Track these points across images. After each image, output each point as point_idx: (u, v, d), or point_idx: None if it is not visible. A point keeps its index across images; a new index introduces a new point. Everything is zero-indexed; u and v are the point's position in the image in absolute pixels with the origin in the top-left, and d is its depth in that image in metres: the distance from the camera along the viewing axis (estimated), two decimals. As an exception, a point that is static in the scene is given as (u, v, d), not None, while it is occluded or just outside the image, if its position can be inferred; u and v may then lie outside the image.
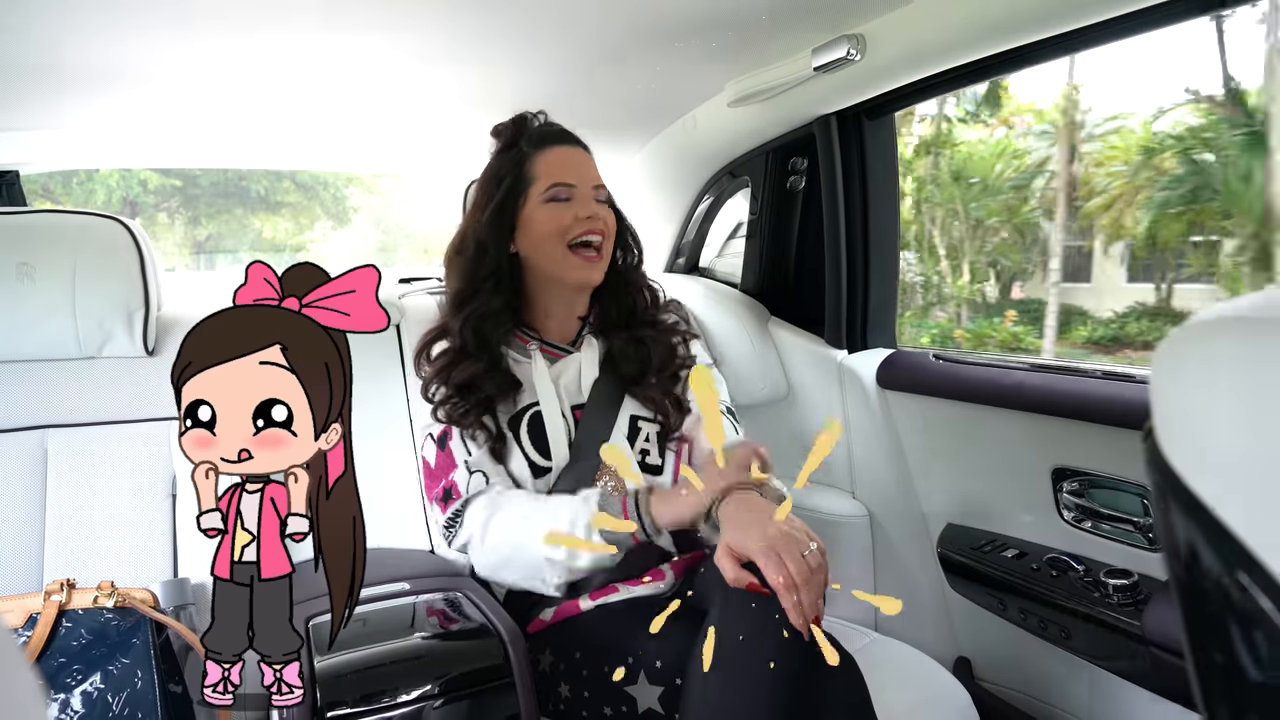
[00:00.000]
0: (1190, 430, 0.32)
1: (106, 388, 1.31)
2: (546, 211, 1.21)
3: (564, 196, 1.21)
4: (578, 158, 1.25)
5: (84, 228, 1.30)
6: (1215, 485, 0.30)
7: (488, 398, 1.20)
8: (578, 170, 1.24)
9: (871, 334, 1.67)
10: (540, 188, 1.22)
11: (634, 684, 1.04)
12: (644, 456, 1.25)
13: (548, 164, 1.23)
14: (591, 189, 1.24)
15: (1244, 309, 0.35)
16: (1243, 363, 0.32)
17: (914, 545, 1.55)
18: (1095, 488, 1.26)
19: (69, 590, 1.07)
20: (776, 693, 0.90)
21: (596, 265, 1.23)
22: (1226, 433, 0.30)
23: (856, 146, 1.60)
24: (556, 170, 1.23)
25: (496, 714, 0.95)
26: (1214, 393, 0.32)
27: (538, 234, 1.22)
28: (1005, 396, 1.36)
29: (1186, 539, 0.31)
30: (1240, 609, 0.28)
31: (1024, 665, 1.40)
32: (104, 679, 0.98)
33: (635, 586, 1.18)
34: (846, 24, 1.32)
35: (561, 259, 1.22)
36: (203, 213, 13.42)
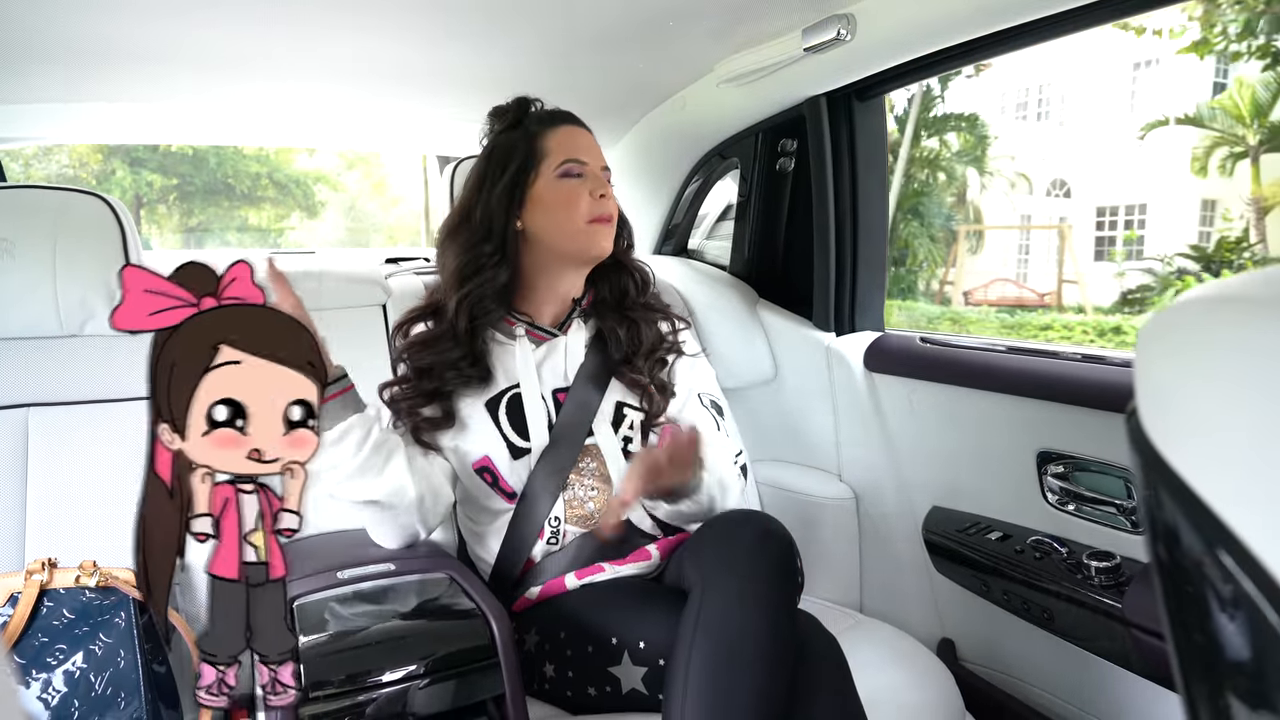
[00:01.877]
0: (1173, 409, 0.32)
1: (89, 366, 1.30)
2: (561, 188, 1.21)
3: (577, 173, 1.21)
4: (587, 139, 1.26)
5: (64, 203, 1.28)
6: (1198, 464, 0.30)
7: (441, 391, 1.20)
8: (589, 149, 1.24)
9: (860, 316, 1.67)
10: (553, 163, 1.21)
11: (618, 664, 1.04)
12: (626, 443, 1.25)
13: (559, 141, 1.23)
14: (601, 169, 1.24)
15: (1230, 289, 0.34)
16: (1227, 342, 0.32)
17: (899, 527, 1.56)
18: (1079, 470, 1.27)
19: (50, 569, 1.06)
20: (759, 674, 0.90)
21: (610, 233, 1.24)
22: (1210, 412, 0.30)
23: (846, 128, 1.59)
24: (569, 147, 1.22)
25: (481, 693, 0.95)
26: (1197, 372, 0.32)
27: (551, 209, 1.21)
28: (992, 379, 1.36)
29: (1168, 519, 0.31)
30: (1220, 589, 0.28)
31: (1007, 647, 1.41)
32: (86, 658, 0.98)
33: (621, 566, 1.18)
34: (837, 4, 1.31)
35: (575, 234, 1.21)
36: (196, 205, 15.65)
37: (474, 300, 1.20)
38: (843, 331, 1.66)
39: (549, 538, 1.21)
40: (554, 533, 1.21)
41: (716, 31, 1.45)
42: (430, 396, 1.19)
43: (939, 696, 1.22)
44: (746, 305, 1.78)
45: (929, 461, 1.51)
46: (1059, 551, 1.25)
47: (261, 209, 16.46)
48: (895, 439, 1.56)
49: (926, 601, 1.54)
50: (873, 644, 1.29)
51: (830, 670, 0.99)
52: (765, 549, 1.00)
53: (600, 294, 1.31)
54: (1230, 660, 0.29)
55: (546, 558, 1.21)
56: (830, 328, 1.65)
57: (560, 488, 1.20)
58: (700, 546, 1.05)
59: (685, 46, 1.52)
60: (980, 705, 1.39)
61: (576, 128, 1.26)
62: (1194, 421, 0.31)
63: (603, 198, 1.22)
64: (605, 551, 1.20)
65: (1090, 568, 1.19)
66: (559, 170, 1.21)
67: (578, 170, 1.21)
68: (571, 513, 1.21)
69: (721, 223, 2.08)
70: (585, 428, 1.22)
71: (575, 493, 1.22)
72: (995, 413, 1.37)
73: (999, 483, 1.39)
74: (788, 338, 1.73)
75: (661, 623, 1.02)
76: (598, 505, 1.22)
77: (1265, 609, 0.26)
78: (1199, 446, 0.30)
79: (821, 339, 1.65)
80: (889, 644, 1.31)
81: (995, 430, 1.38)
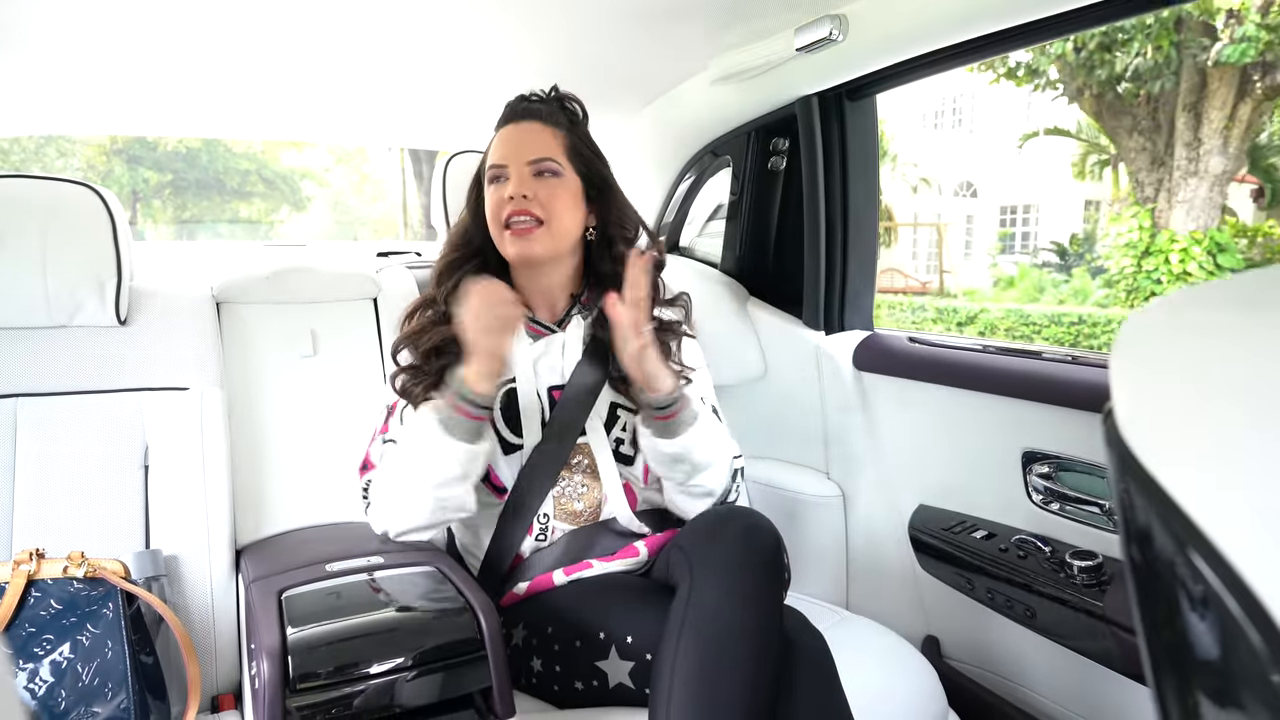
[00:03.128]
0: (1147, 410, 0.33)
1: (78, 357, 1.29)
2: (488, 194, 1.22)
3: (496, 177, 1.21)
4: (518, 134, 1.22)
5: (55, 194, 1.28)
6: (1169, 465, 0.30)
7: (450, 367, 1.18)
8: (512, 147, 1.21)
9: (849, 316, 1.68)
10: (486, 169, 1.23)
11: (605, 659, 1.05)
12: (619, 445, 1.25)
13: (494, 146, 1.23)
14: (525, 164, 1.19)
15: (1205, 293, 0.35)
16: (1199, 344, 0.32)
17: (886, 525, 1.57)
18: (1064, 470, 1.28)
19: (38, 560, 1.06)
20: (746, 670, 0.91)
21: (532, 237, 1.18)
22: (1182, 413, 0.31)
23: (838, 128, 1.60)
24: (496, 151, 1.22)
25: (469, 686, 0.95)
26: (1170, 373, 0.33)
27: (489, 215, 1.22)
28: (979, 380, 1.37)
29: (1140, 519, 0.32)
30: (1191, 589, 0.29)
31: (991, 644, 1.42)
32: (73, 649, 0.98)
33: (609, 562, 1.19)
34: (830, 4, 1.31)
35: (500, 239, 1.21)
36: (189, 199, 16.53)
37: (458, 295, 1.21)
38: (832, 330, 1.67)
39: (538, 534, 1.21)
40: (543, 529, 1.21)
41: (710, 29, 1.45)
42: (440, 376, 1.18)
43: (923, 693, 1.23)
44: (737, 303, 1.79)
45: (916, 460, 1.53)
46: (1042, 550, 1.27)
47: (251, 203, 17.25)
48: (883, 438, 1.57)
49: (912, 599, 1.55)
50: (858, 641, 1.30)
51: (816, 666, 1.00)
52: (753, 546, 1.01)
53: (598, 293, 1.30)
54: (1199, 658, 0.30)
55: (535, 554, 1.21)
56: (820, 327, 1.66)
57: (551, 485, 1.21)
58: (688, 543, 1.05)
59: (679, 44, 1.53)
60: (964, 702, 1.40)
61: (514, 125, 1.23)
62: (1166, 422, 0.32)
63: (512, 198, 1.18)
64: (594, 548, 1.20)
65: (1073, 567, 1.20)
66: (487, 176, 1.22)
67: (498, 174, 1.21)
68: (561, 510, 1.21)
69: (713, 220, 2.08)
70: (578, 428, 1.22)
71: (565, 490, 1.22)
72: (982, 413, 1.38)
73: (985, 482, 1.40)
74: (778, 336, 1.73)
75: (649, 618, 1.02)
76: (587, 504, 1.22)
77: (1233, 608, 0.27)
78: (1171, 447, 0.31)
79: (811, 338, 1.66)
80: (874, 641, 1.32)
81: (982, 430, 1.39)
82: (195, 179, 16.19)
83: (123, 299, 1.32)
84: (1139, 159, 9.50)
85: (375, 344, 1.50)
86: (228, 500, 1.28)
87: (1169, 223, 9.05)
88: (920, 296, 11.96)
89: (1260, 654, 0.25)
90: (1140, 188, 9.50)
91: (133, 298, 1.36)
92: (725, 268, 1.91)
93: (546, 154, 1.20)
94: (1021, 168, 14.84)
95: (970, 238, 16.91)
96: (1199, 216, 8.95)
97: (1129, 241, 9.22)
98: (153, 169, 15.51)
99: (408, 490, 1.12)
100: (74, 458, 1.24)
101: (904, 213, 16.60)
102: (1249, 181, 11.46)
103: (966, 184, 17.07)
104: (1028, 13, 1.17)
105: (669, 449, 1.16)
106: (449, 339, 1.18)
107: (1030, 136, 12.24)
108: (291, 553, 1.18)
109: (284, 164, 17.08)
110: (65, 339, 1.29)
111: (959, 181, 17.11)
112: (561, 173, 1.21)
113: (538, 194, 1.18)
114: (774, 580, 1.00)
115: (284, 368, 1.43)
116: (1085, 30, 1.21)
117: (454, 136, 2.22)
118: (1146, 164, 9.43)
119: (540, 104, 1.24)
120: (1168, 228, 9.04)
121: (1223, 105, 8.71)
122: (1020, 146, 12.62)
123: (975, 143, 16.96)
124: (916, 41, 1.32)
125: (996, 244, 15.66)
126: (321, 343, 1.47)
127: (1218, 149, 8.83)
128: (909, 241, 16.72)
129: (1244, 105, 8.67)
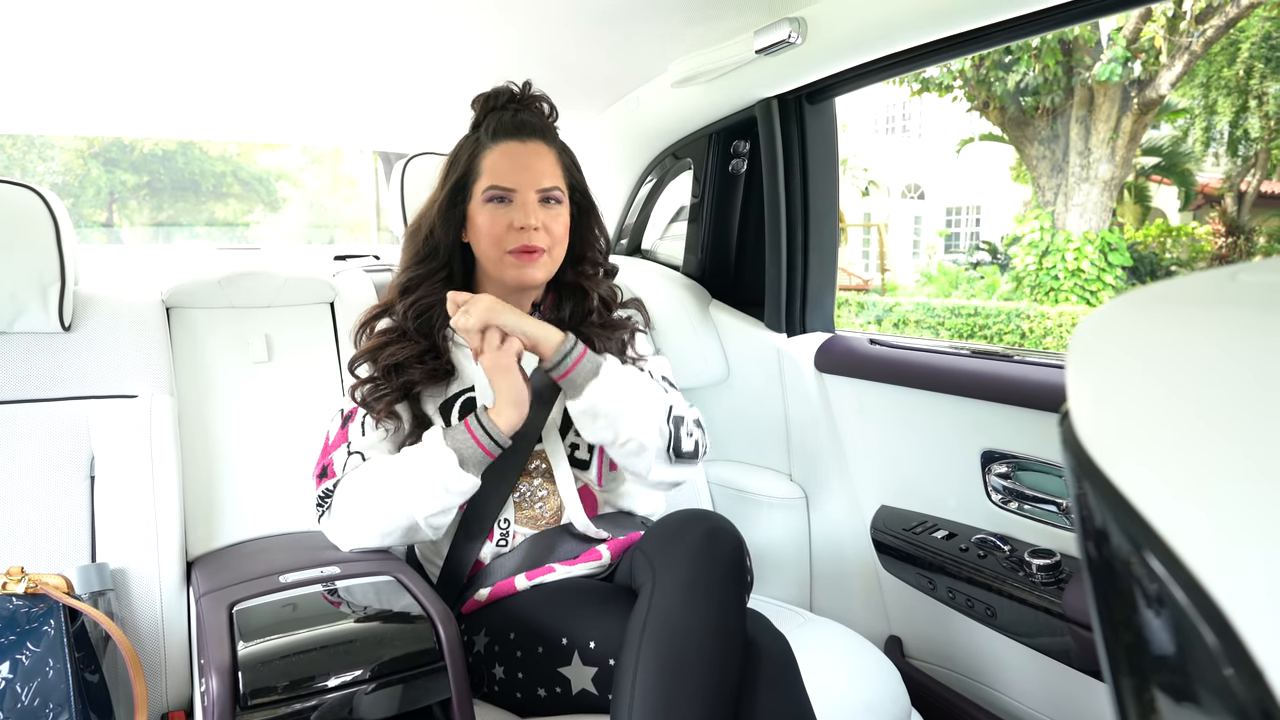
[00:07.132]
0: (1101, 410, 0.33)
1: (19, 364, 1.25)
2: (486, 214, 1.17)
3: (501, 199, 1.17)
4: (525, 156, 1.18)
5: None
6: (1124, 465, 0.30)
7: (411, 383, 1.18)
8: (521, 172, 1.17)
9: (810, 318, 1.68)
10: (483, 185, 1.18)
11: (568, 665, 1.04)
12: (574, 450, 1.24)
13: (493, 161, 1.18)
14: (535, 193, 1.17)
15: (1159, 293, 0.35)
16: (1152, 345, 0.32)
17: (848, 527, 1.58)
18: (1021, 470, 1.30)
19: (-24, 576, 1.02)
20: (708, 673, 0.90)
21: (537, 263, 1.18)
22: (1136, 414, 0.31)
23: (798, 130, 1.60)
24: (499, 171, 1.17)
25: (429, 697, 0.94)
26: (1124, 374, 0.33)
27: (478, 233, 1.19)
28: (939, 381, 1.38)
29: (1096, 519, 0.32)
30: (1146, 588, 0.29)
31: (953, 644, 1.43)
32: (12, 668, 0.94)
33: (572, 566, 1.18)
34: (789, 7, 1.32)
35: (498, 262, 1.18)
36: (165, 200, 16.59)
37: (417, 309, 1.20)
38: (794, 333, 1.67)
39: (499, 540, 1.20)
40: (504, 535, 1.20)
41: (670, 32, 1.45)
42: (402, 391, 1.18)
43: (886, 693, 1.23)
44: (699, 306, 1.79)
45: (877, 461, 1.53)
46: (1002, 549, 1.28)
47: (227, 204, 17.35)
48: (844, 439, 1.58)
49: (874, 600, 1.56)
50: (821, 642, 1.30)
51: (779, 669, 1.00)
52: (715, 548, 1.00)
53: (560, 309, 1.28)
54: (1155, 655, 0.30)
55: (496, 559, 1.20)
56: (782, 329, 1.67)
57: (509, 491, 1.20)
58: (650, 546, 1.04)
59: (639, 45, 1.52)
60: (927, 702, 1.41)
61: (518, 142, 1.19)
62: (1121, 423, 0.32)
63: (523, 229, 1.16)
64: (556, 552, 1.19)
65: (1031, 565, 1.21)
66: (486, 195, 1.17)
67: (501, 196, 1.17)
68: (522, 515, 1.20)
69: (675, 223, 2.08)
70: (535, 436, 1.21)
71: (525, 495, 1.21)
72: (942, 413, 1.39)
73: (945, 482, 1.41)
74: (740, 338, 1.74)
75: (612, 622, 1.02)
76: (548, 508, 1.21)
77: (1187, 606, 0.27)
78: (1125, 448, 0.31)
79: (773, 340, 1.66)
80: (837, 642, 1.33)
81: (942, 431, 1.40)
82: (171, 181, 16.30)
83: (66, 304, 1.28)
84: (1040, 166, 10.26)
85: (332, 349, 1.48)
86: (178, 511, 1.24)
87: (1065, 224, 9.89)
88: (863, 294, 12.40)
89: (1214, 650, 0.26)
90: (1041, 192, 10.27)
91: (77, 303, 1.32)
92: (687, 270, 1.91)
93: (555, 183, 1.20)
94: (965, 171, 15.42)
95: (918, 237, 17.57)
96: (1091, 218, 9.78)
97: (1031, 241, 9.97)
98: (129, 171, 15.54)
99: (391, 512, 1.10)
100: (14, 469, 1.19)
101: (855, 214, 17.22)
102: (1169, 184, 12.17)
103: (915, 186, 17.76)
104: (985, 16, 1.18)
105: (579, 406, 1.14)
106: (411, 355, 1.17)
107: (967, 142, 12.65)
108: (245, 564, 1.15)
109: (259, 165, 17.05)
110: (5, 346, 1.25)
111: (907, 184, 17.80)
112: (563, 200, 1.21)
113: (546, 223, 1.18)
114: (736, 583, 1.00)
115: (237, 374, 1.40)
116: (1042, 33, 1.22)
117: (417, 138, 2.19)
118: (1047, 171, 10.18)
119: (535, 117, 1.22)
120: (1064, 229, 9.85)
121: (1108, 119, 9.60)
122: (958, 152, 13.06)
123: (922, 147, 17.62)
124: (875, 45, 1.33)
125: (935, 244, 16.38)
126: (276, 348, 1.44)
127: (1106, 157, 9.70)
128: (859, 241, 17.35)
129: (1126, 118, 9.56)
